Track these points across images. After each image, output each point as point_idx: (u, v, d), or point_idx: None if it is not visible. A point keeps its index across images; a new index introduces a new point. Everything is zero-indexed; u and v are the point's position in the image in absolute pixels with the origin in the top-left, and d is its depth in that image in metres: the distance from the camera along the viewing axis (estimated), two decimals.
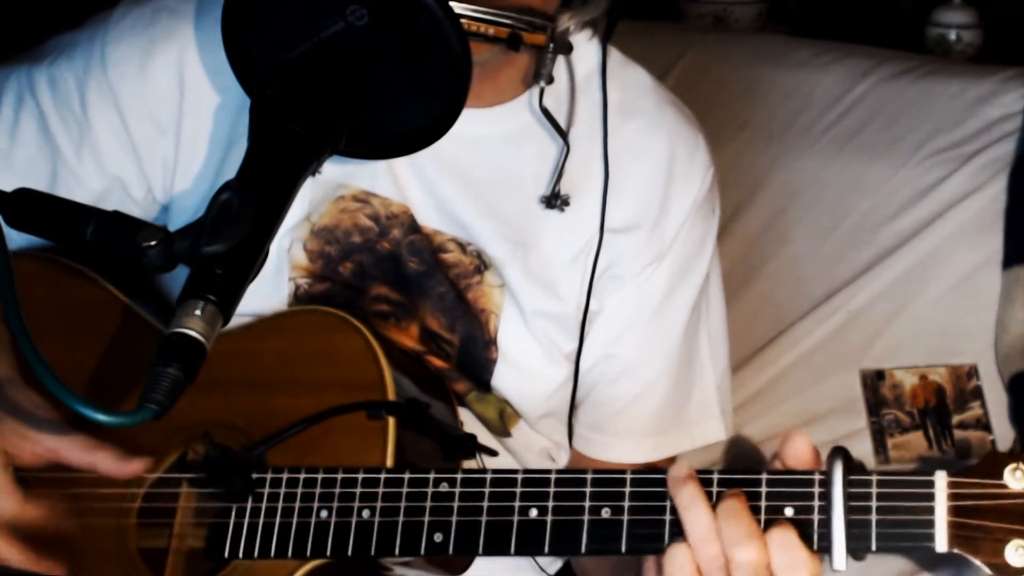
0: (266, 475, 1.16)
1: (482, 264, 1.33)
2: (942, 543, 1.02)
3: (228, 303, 0.94)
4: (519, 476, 1.11)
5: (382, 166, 1.31)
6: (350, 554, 1.13)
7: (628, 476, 1.09)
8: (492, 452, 1.34)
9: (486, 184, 1.32)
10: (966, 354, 1.66)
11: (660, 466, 1.24)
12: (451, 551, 1.11)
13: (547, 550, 1.09)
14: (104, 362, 1.26)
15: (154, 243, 0.94)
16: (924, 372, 1.67)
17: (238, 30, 1.10)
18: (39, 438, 1.14)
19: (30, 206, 0.99)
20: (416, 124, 1.12)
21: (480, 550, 1.11)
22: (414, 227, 1.32)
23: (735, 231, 1.81)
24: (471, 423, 1.37)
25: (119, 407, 0.90)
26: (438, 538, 1.11)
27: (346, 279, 1.33)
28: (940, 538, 1.02)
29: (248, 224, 0.96)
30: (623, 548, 1.08)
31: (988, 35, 2.37)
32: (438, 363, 1.34)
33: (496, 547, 1.10)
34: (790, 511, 1.05)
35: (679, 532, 1.06)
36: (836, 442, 1.09)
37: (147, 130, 1.31)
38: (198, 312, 0.93)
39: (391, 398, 1.19)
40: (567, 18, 1.25)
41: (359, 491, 1.13)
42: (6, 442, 1.13)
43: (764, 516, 1.05)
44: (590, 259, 1.33)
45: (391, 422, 1.18)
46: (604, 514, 1.08)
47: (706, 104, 1.56)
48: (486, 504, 1.11)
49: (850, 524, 1.03)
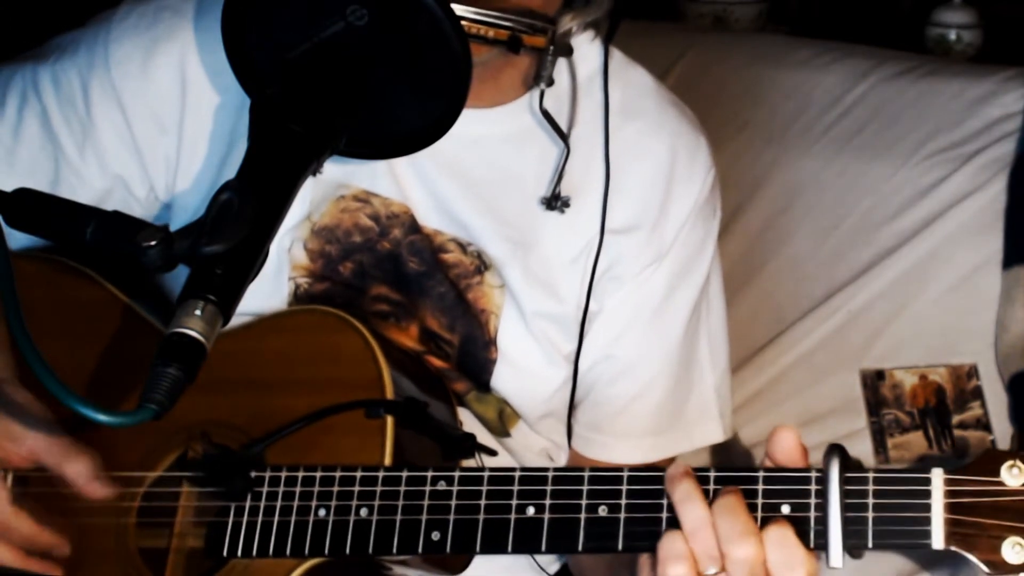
0: (265, 474, 1.16)
1: (482, 264, 1.33)
2: (939, 540, 1.02)
3: (228, 303, 0.95)
4: (516, 474, 1.11)
5: (382, 166, 1.31)
6: (348, 553, 1.13)
7: (625, 474, 1.09)
8: (491, 452, 1.34)
9: (486, 184, 1.32)
10: (966, 354, 1.66)
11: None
12: (449, 549, 1.11)
13: (544, 548, 1.09)
14: (104, 362, 1.26)
15: (154, 243, 0.94)
16: (924, 372, 1.67)
17: (238, 30, 1.10)
18: (24, 439, 1.14)
19: (30, 206, 0.99)
20: (416, 124, 1.12)
21: (478, 548, 1.11)
22: (414, 227, 1.32)
23: (735, 231, 1.81)
24: (470, 423, 1.37)
25: (119, 407, 0.90)
26: (436, 536, 1.11)
27: (346, 279, 1.33)
28: (937, 535, 1.02)
29: (248, 224, 0.96)
30: (620, 546, 1.08)
31: (988, 35, 2.37)
32: (438, 363, 1.34)
33: (494, 545, 1.10)
34: (787, 508, 1.05)
35: (676, 528, 1.05)
36: (835, 442, 1.09)
37: (149, 129, 1.32)
38: (198, 312, 0.93)
39: (390, 397, 1.19)
40: (568, 20, 1.25)
41: (357, 490, 1.13)
42: None
43: (761, 513, 1.05)
44: (590, 260, 1.33)
45: (389, 421, 1.18)
46: (601, 512, 1.08)
47: (706, 104, 1.56)
48: (484, 502, 1.11)
49: (847, 521, 1.03)
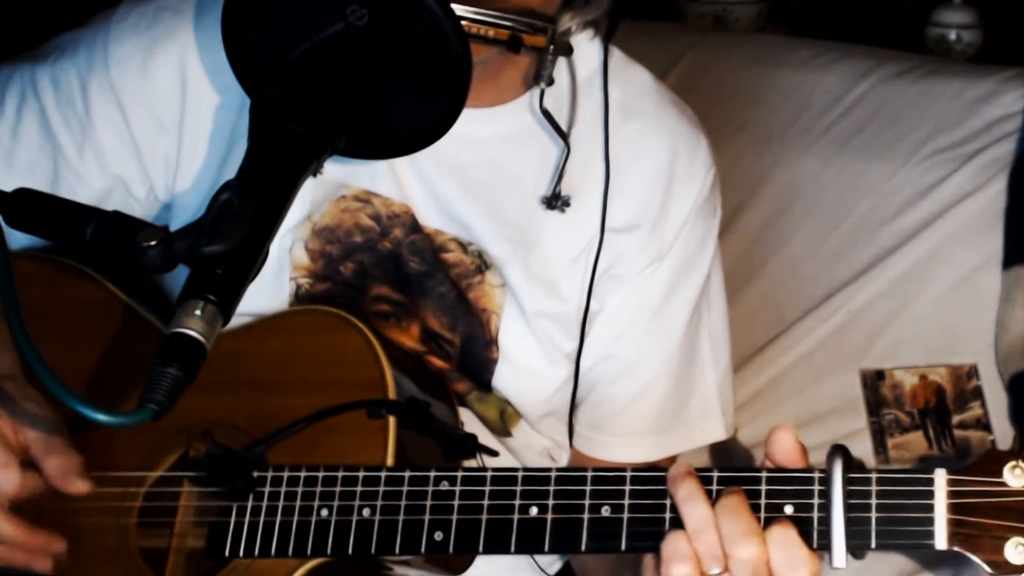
0: (267, 474, 1.16)
1: (483, 264, 1.33)
2: (942, 541, 1.02)
3: (228, 303, 0.94)
4: (519, 474, 1.11)
5: (383, 166, 1.31)
6: (351, 553, 1.13)
7: (628, 474, 1.09)
8: (493, 452, 1.34)
9: (487, 184, 1.32)
10: (966, 354, 1.66)
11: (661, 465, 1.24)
12: (451, 550, 1.11)
13: (547, 548, 1.09)
14: (104, 362, 1.26)
15: (154, 243, 0.94)
16: (924, 372, 1.67)
17: (238, 30, 1.10)
18: (19, 434, 1.14)
19: (30, 206, 0.99)
20: (416, 124, 1.12)
21: (480, 548, 1.11)
22: (415, 227, 1.32)
23: (735, 231, 1.81)
24: (472, 423, 1.37)
25: (119, 407, 0.90)
26: (438, 536, 1.11)
27: (347, 279, 1.33)
28: (940, 536, 1.02)
29: (248, 224, 0.96)
30: (623, 546, 1.08)
31: (988, 35, 2.37)
32: (439, 363, 1.34)
33: (496, 545, 1.10)
34: (790, 509, 1.05)
35: (679, 528, 1.05)
36: (836, 442, 1.09)
37: (149, 129, 1.31)
38: (198, 312, 0.93)
39: (392, 397, 1.19)
40: (568, 19, 1.25)
41: (360, 490, 1.13)
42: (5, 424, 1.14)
43: (764, 514, 1.05)
44: (591, 259, 1.32)
45: (391, 421, 1.18)
46: (604, 512, 1.08)
47: (706, 104, 1.56)
48: (486, 502, 1.11)
49: (850, 522, 1.03)
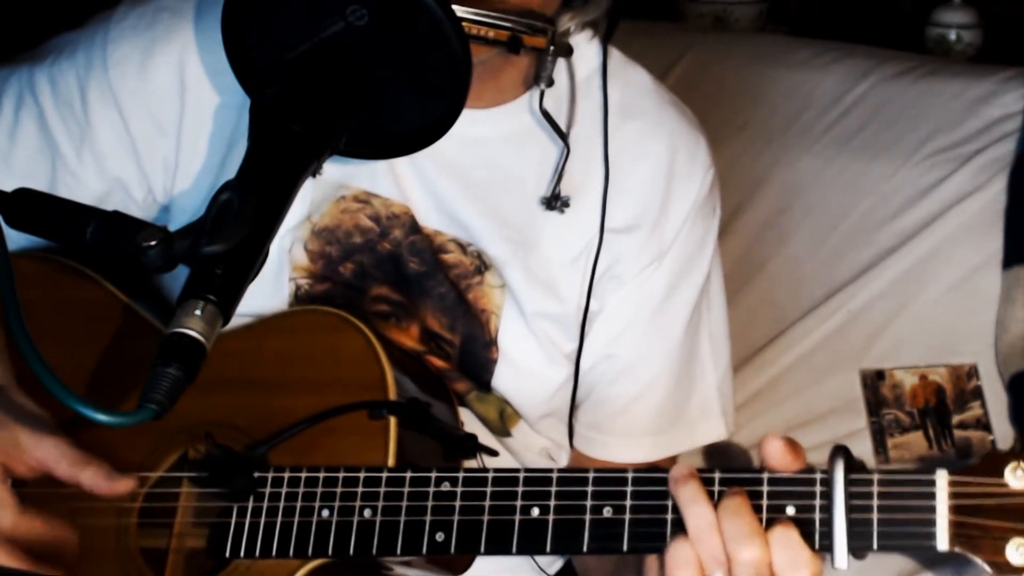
0: (268, 475, 1.16)
1: (483, 264, 1.33)
2: (943, 542, 1.02)
3: (228, 303, 0.94)
4: (521, 475, 1.11)
5: (383, 166, 1.31)
6: (352, 554, 1.13)
7: (630, 475, 1.09)
8: (493, 452, 1.34)
9: (486, 185, 1.32)
10: (966, 354, 1.66)
11: (662, 466, 1.24)
12: (453, 550, 1.11)
13: (549, 549, 1.09)
14: (104, 362, 1.26)
15: (154, 243, 0.94)
16: (924, 372, 1.67)
17: (238, 30, 1.09)
18: (31, 449, 1.14)
19: (30, 206, 0.99)
20: (416, 124, 1.11)
21: (482, 549, 1.11)
22: (415, 227, 1.32)
23: (735, 231, 1.81)
24: (472, 423, 1.36)
25: (119, 407, 0.89)
26: (440, 537, 1.11)
27: (347, 279, 1.33)
28: (941, 537, 1.02)
29: (248, 224, 0.96)
30: (625, 547, 1.07)
31: (988, 35, 2.37)
32: (438, 363, 1.34)
33: (498, 546, 1.10)
34: (791, 510, 1.05)
35: (681, 531, 1.05)
36: (836, 442, 1.09)
37: (148, 130, 1.31)
38: (198, 312, 0.92)
39: (392, 398, 1.19)
40: (567, 19, 1.25)
41: (361, 491, 1.13)
42: (3, 454, 1.13)
43: (766, 515, 1.05)
44: (590, 260, 1.32)
45: (392, 422, 1.18)
46: (606, 513, 1.08)
47: (706, 104, 1.56)
48: (488, 503, 1.11)
49: (851, 523, 1.03)
